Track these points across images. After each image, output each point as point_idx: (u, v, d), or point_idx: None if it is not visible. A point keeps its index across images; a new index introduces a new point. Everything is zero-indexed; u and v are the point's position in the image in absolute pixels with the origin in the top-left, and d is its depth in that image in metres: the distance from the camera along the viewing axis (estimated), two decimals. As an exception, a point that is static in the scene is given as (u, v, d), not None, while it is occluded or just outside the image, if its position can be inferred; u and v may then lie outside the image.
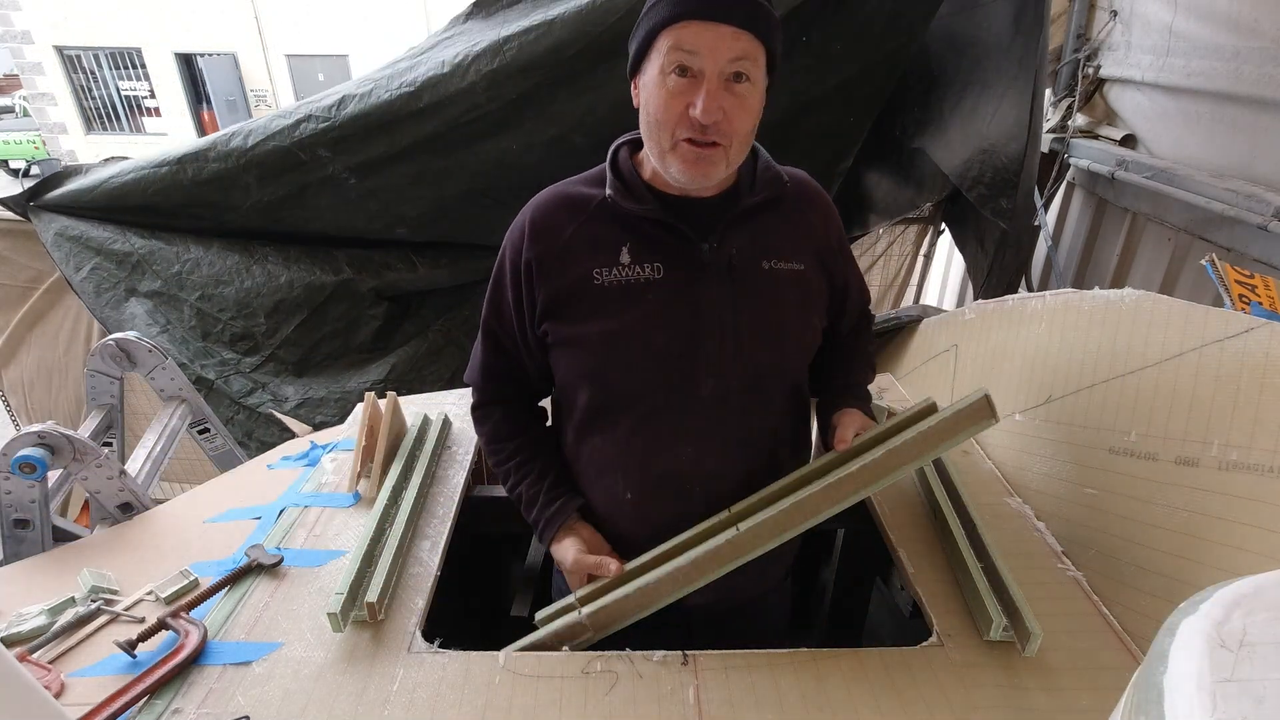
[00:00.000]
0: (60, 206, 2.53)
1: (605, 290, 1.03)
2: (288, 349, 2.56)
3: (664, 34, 0.92)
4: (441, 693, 0.97)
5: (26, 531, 1.44)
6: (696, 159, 0.96)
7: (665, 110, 0.94)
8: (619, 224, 1.03)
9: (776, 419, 1.13)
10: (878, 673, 1.01)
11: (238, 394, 2.54)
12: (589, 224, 1.04)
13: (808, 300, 1.10)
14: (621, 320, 1.02)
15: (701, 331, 1.03)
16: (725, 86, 0.92)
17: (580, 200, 1.06)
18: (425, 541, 1.26)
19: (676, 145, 0.96)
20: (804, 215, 1.11)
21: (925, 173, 2.98)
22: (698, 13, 0.90)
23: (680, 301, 1.03)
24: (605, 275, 1.03)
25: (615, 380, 1.06)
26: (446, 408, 1.66)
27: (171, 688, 0.98)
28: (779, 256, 1.06)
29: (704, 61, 0.91)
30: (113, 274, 2.51)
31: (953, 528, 1.24)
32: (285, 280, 2.50)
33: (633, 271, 1.03)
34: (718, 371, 1.04)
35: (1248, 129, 2.29)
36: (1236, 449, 1.02)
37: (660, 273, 1.03)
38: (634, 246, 1.03)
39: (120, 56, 14.01)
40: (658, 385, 1.05)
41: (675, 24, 0.91)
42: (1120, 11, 2.86)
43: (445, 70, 2.25)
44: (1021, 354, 1.52)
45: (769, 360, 1.07)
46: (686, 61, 0.91)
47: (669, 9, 0.91)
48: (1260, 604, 0.52)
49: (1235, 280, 1.48)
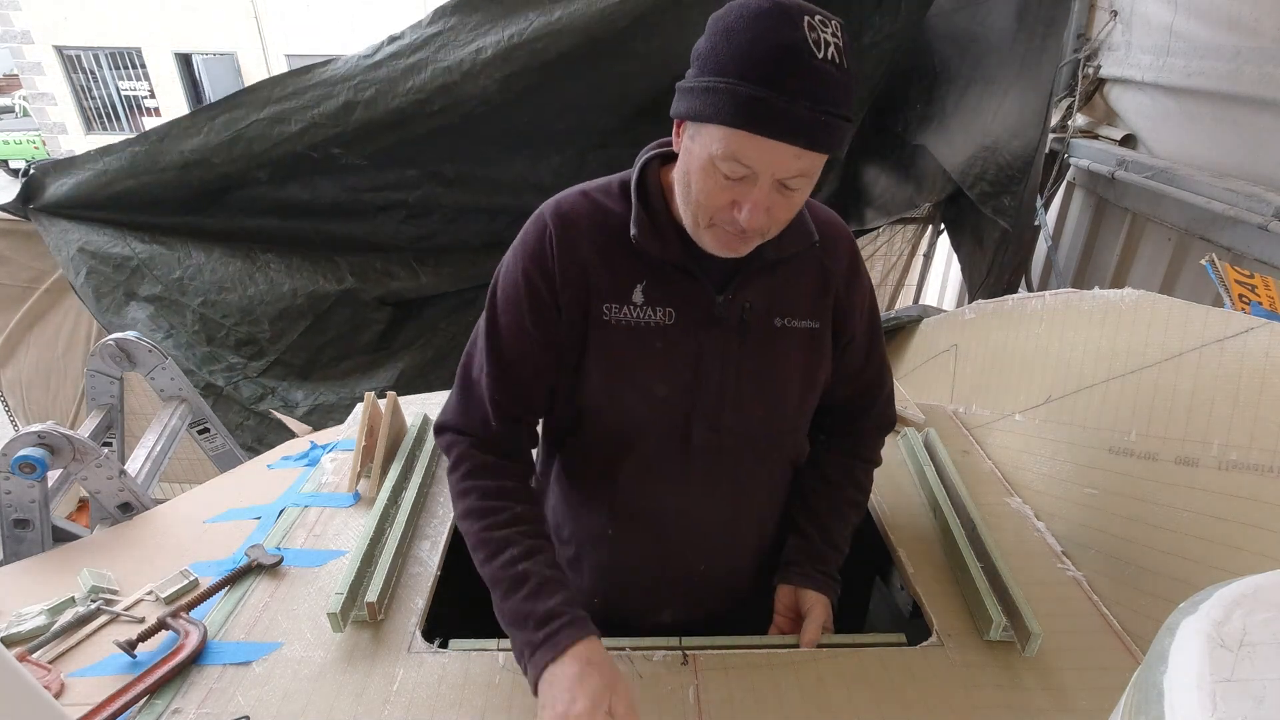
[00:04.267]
0: (58, 206, 2.52)
1: (612, 329, 0.96)
2: (293, 353, 2.57)
3: (722, 130, 0.81)
4: (441, 693, 0.97)
5: (26, 531, 1.44)
6: (730, 241, 0.90)
7: (708, 198, 0.86)
8: (638, 258, 0.95)
9: (768, 472, 1.11)
10: (878, 673, 1.01)
11: (248, 400, 2.55)
12: (608, 249, 0.96)
13: (816, 360, 1.05)
14: (626, 367, 0.98)
15: (700, 383, 0.99)
16: (776, 188, 0.84)
17: (602, 218, 0.97)
18: (425, 541, 1.26)
19: (712, 226, 0.88)
20: (829, 268, 1.03)
21: (926, 171, 2.98)
22: (763, 129, 0.79)
23: (685, 352, 0.98)
24: (614, 312, 0.96)
25: (611, 424, 1.02)
26: (446, 408, 1.66)
27: (171, 688, 0.98)
28: (793, 314, 1.01)
29: (758, 171, 0.82)
30: (110, 278, 2.51)
31: (953, 528, 1.25)
32: (289, 289, 2.51)
33: (644, 314, 0.96)
34: (713, 424, 1.01)
35: (1248, 129, 2.29)
36: (1236, 449, 1.02)
37: (671, 318, 0.96)
38: (649, 287, 0.96)
39: (120, 56, 13.99)
40: (653, 432, 1.01)
41: (736, 129, 0.80)
42: (1120, 11, 2.86)
43: (455, 78, 2.28)
44: (1021, 354, 1.52)
45: (765, 417, 1.04)
46: (740, 172, 0.83)
47: (733, 112, 0.79)
48: (1260, 604, 0.52)
49: (1235, 280, 1.48)
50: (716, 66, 0.81)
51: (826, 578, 1.11)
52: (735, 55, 0.79)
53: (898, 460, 1.50)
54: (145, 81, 14.21)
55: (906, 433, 1.56)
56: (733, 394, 1.00)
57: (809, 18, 0.78)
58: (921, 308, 2.67)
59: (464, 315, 2.73)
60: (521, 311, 0.96)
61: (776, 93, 0.78)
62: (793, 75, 0.78)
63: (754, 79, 0.78)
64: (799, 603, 1.10)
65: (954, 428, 1.65)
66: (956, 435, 1.62)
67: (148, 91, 14.32)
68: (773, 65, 0.78)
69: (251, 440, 2.53)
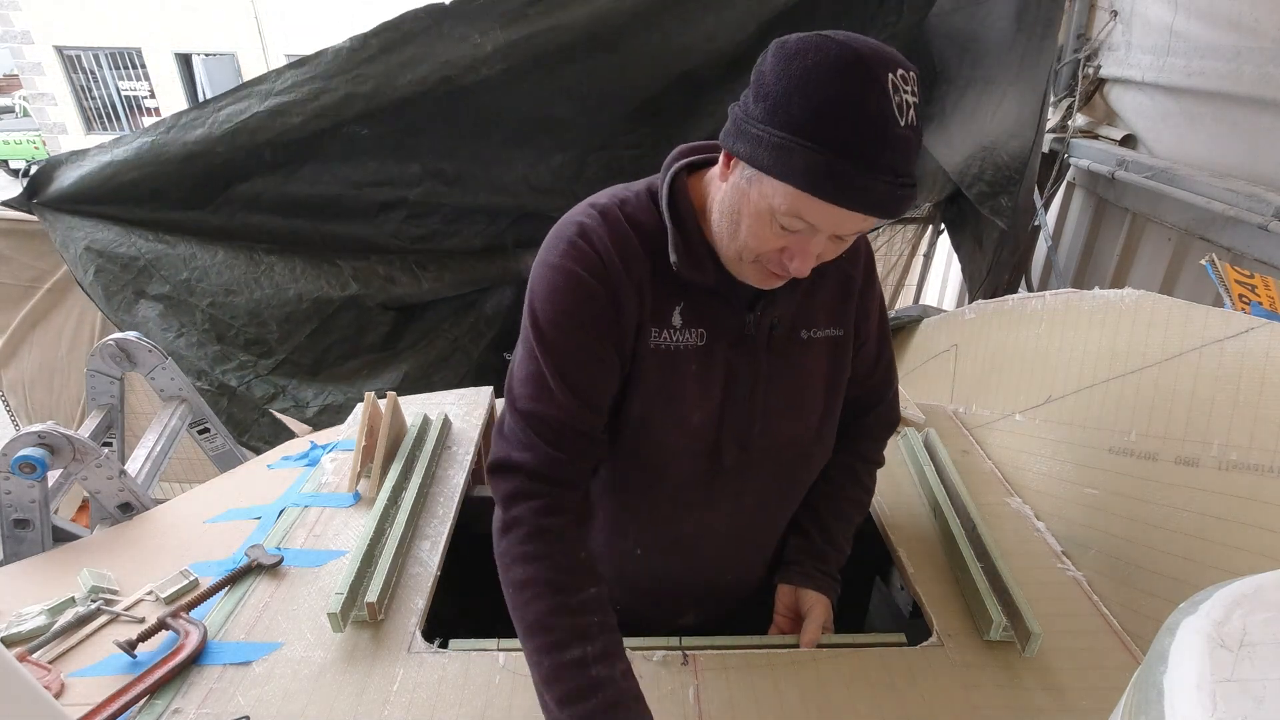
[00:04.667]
0: (61, 200, 2.53)
1: (652, 355, 0.94)
2: (300, 353, 2.61)
3: (789, 189, 0.76)
4: (441, 693, 0.97)
5: (26, 531, 1.44)
6: (770, 279, 0.88)
7: (759, 243, 0.82)
8: (675, 280, 0.92)
9: (792, 484, 1.12)
10: (878, 673, 1.01)
11: (260, 399, 2.58)
12: (654, 270, 0.92)
13: (839, 367, 1.05)
14: (663, 394, 0.96)
15: (729, 403, 0.99)
16: (831, 239, 0.82)
17: (644, 238, 0.92)
18: (425, 541, 1.26)
19: (757, 263, 0.86)
20: (849, 274, 1.03)
21: (925, 170, 2.98)
22: (833, 198, 0.74)
23: (715, 372, 0.97)
24: (656, 337, 0.93)
25: (646, 454, 1.00)
26: (446, 408, 1.66)
27: (171, 688, 0.98)
28: (818, 324, 1.01)
29: (820, 229, 0.79)
30: (119, 276, 2.52)
31: (953, 528, 1.25)
32: (294, 294, 2.54)
33: (681, 337, 0.94)
34: (743, 442, 1.00)
35: (1248, 129, 2.30)
36: (1236, 449, 1.02)
37: (703, 339, 0.95)
38: (686, 309, 0.94)
39: (120, 56, 13.99)
40: (685, 458, 1.00)
41: (804, 191, 0.75)
42: (1120, 11, 2.86)
43: (455, 71, 2.28)
44: (1021, 354, 1.52)
45: (793, 433, 1.04)
46: (799, 226, 0.79)
47: (806, 179, 0.74)
48: (1260, 604, 0.52)
49: (1235, 280, 1.48)
50: (789, 121, 0.74)
51: (827, 577, 1.12)
52: (814, 114, 0.73)
53: (898, 460, 1.50)
54: (145, 81, 14.21)
55: (906, 433, 1.56)
56: (761, 410, 0.99)
57: (892, 75, 0.72)
58: (921, 308, 2.67)
59: (465, 317, 2.75)
60: (583, 319, 0.90)
61: (855, 167, 0.73)
62: (876, 149, 0.73)
63: (834, 147, 0.73)
64: (799, 603, 1.10)
65: (954, 428, 1.65)
66: (956, 435, 1.62)
67: (148, 91, 14.33)
68: (854, 135, 0.72)
69: (269, 436, 2.58)
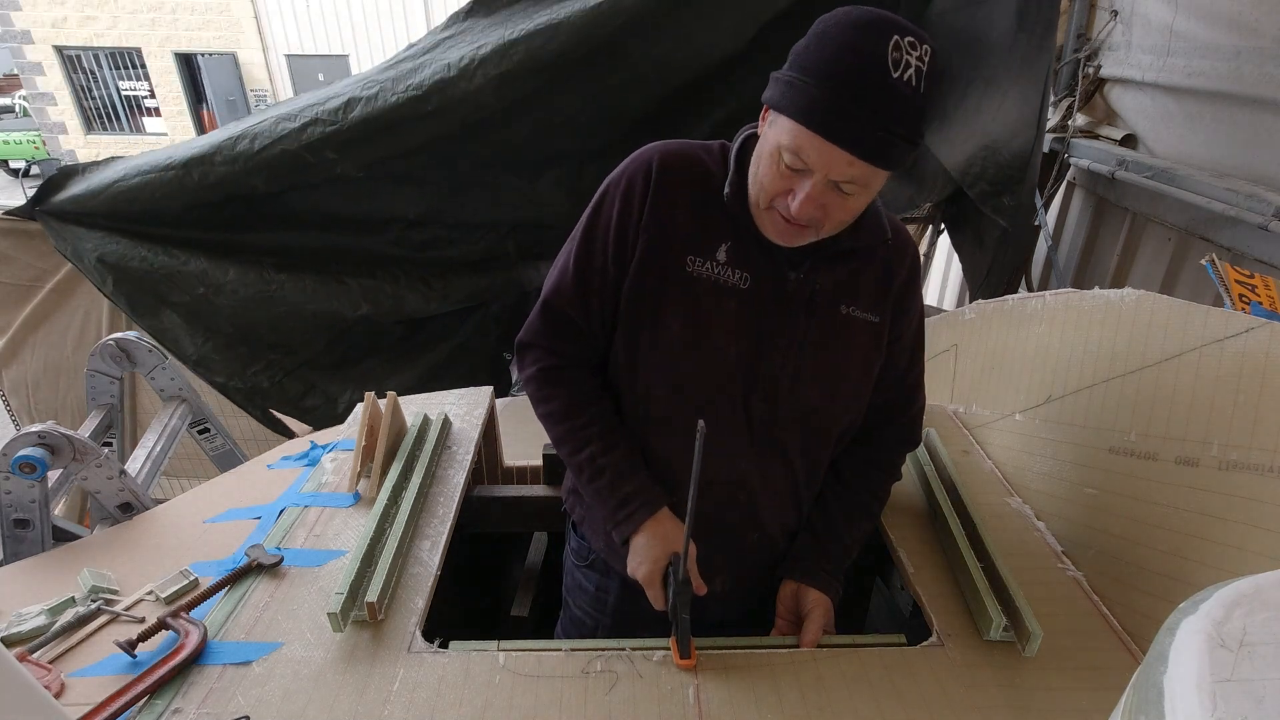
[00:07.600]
0: (67, 214, 2.53)
1: (694, 281, 1.01)
2: (321, 356, 2.68)
3: (792, 124, 0.87)
4: (441, 693, 0.97)
5: (26, 531, 1.44)
6: (784, 231, 0.95)
7: (770, 182, 0.92)
8: (727, 217, 1.00)
9: (816, 465, 1.13)
10: (878, 673, 1.01)
11: (294, 396, 2.63)
12: (704, 202, 1.01)
13: (875, 355, 1.09)
14: (704, 321, 1.01)
15: (765, 350, 1.02)
16: (831, 187, 0.89)
17: (703, 172, 1.02)
18: (425, 541, 1.26)
19: (771, 209, 0.94)
20: (893, 269, 1.07)
21: (926, 170, 2.97)
22: (824, 132, 0.84)
23: (755, 320, 1.02)
24: (698, 265, 1.01)
25: (686, 382, 1.05)
26: (446, 408, 1.66)
27: (171, 688, 0.97)
28: (858, 304, 1.05)
29: (814, 169, 0.87)
30: (140, 284, 2.52)
31: (953, 528, 1.24)
32: (310, 312, 2.58)
33: (725, 272, 1.01)
34: (769, 396, 1.04)
35: (1248, 129, 2.30)
36: (1236, 449, 1.02)
37: (747, 283, 1.01)
38: (733, 247, 1.01)
39: (120, 56, 14.00)
40: (720, 398, 1.04)
41: (802, 126, 0.85)
42: (1120, 11, 2.86)
43: (452, 74, 2.26)
44: (1021, 354, 1.52)
45: (820, 404, 1.07)
46: (798, 165, 0.88)
47: (803, 110, 0.85)
48: (1260, 604, 0.52)
49: (1235, 280, 1.48)
50: (803, 63, 0.86)
51: (830, 577, 1.12)
52: (821, 57, 0.85)
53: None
54: (145, 81, 14.22)
55: (906, 433, 1.56)
56: (792, 370, 1.03)
57: (899, 37, 0.81)
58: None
59: (469, 319, 2.80)
60: (604, 221, 1.04)
61: (844, 100, 0.82)
62: (864, 87, 0.82)
63: (829, 83, 0.83)
64: (800, 603, 1.11)
65: (954, 428, 1.65)
66: (956, 435, 1.62)
67: (148, 91, 14.33)
68: (847, 73, 0.82)
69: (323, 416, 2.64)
